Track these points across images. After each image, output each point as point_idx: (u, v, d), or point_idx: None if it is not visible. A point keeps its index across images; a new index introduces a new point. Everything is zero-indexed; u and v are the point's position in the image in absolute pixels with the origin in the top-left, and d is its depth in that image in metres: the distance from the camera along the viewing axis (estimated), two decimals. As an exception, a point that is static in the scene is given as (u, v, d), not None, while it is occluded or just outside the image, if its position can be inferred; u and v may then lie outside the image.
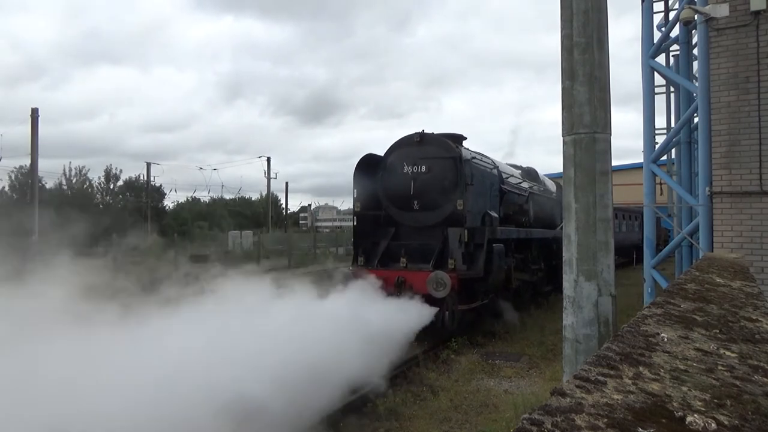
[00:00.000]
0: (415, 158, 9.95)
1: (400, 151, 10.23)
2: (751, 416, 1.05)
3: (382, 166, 10.35)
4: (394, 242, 10.15)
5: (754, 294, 2.88)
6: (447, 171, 9.68)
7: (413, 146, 10.06)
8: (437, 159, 9.79)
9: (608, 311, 4.34)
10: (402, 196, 10.03)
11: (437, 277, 8.68)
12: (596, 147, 4.42)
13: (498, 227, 10.15)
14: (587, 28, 4.44)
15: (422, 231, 9.95)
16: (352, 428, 5.76)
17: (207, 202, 63.00)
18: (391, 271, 9.43)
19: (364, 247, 10.34)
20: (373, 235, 10.38)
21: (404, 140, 10.29)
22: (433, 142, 9.99)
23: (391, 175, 10.23)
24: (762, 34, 6.95)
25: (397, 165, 10.15)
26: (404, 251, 9.71)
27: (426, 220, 9.89)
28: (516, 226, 11.85)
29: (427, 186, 9.83)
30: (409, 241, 10.00)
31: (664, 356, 1.48)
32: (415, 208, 9.92)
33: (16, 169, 44.96)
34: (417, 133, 10.16)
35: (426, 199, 9.83)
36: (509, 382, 7.27)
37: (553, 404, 1.03)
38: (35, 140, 27.19)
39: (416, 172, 9.92)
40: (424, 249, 9.73)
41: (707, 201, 7.54)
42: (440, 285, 8.62)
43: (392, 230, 10.29)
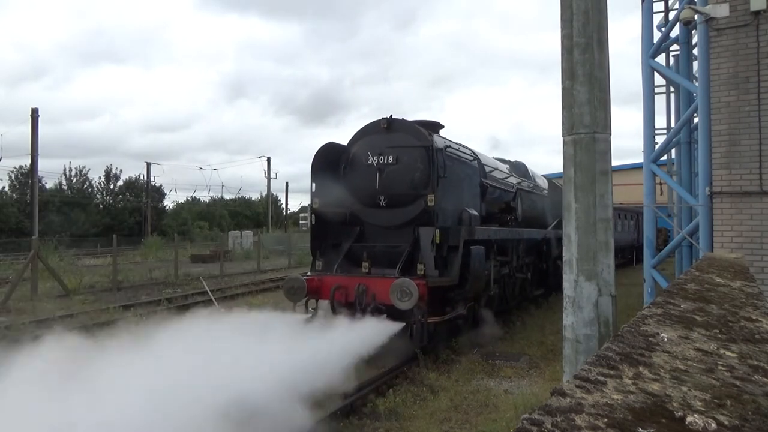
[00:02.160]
0: (382, 147, 8.64)
1: (365, 140, 8.91)
2: (751, 416, 1.05)
3: (345, 157, 9.07)
4: (357, 244, 8.89)
5: (754, 294, 2.88)
6: (417, 162, 8.42)
7: (380, 134, 8.75)
8: (406, 148, 8.50)
9: (608, 311, 4.35)
10: (366, 192, 8.74)
11: (402, 285, 7.37)
12: (596, 147, 4.43)
13: (478, 227, 8.97)
14: (587, 28, 4.44)
15: (391, 231, 8.75)
16: (352, 428, 5.76)
17: (207, 202, 63.15)
18: (352, 278, 8.19)
19: (323, 249, 9.08)
20: (335, 235, 9.12)
21: (370, 127, 9.00)
22: (403, 129, 8.68)
23: (354, 167, 8.94)
24: (762, 34, 6.96)
25: (361, 155, 8.84)
26: (366, 254, 8.42)
27: (394, 219, 8.68)
28: (501, 226, 10.76)
29: (395, 179, 8.55)
30: (375, 243, 8.79)
31: (664, 356, 1.48)
32: (381, 205, 8.64)
33: (16, 169, 45.01)
34: (384, 119, 8.76)
35: (394, 194, 8.55)
36: (509, 382, 7.27)
37: (553, 404, 1.03)
38: (35, 140, 27.20)
39: (382, 163, 8.61)
40: (391, 252, 8.45)
41: (707, 201, 7.54)
42: (405, 294, 7.32)
43: (357, 230, 9.06)
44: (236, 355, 5.46)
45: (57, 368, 5.00)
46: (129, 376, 4.84)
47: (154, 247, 32.01)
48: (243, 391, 4.86)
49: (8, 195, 45.31)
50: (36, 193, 22.57)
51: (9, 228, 41.09)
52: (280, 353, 5.85)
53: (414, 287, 7.32)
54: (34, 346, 5.88)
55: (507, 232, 10.66)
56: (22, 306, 13.57)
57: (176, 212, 57.76)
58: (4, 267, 23.81)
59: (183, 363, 5.17)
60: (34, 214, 22.32)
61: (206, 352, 5.47)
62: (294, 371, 5.42)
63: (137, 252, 33.10)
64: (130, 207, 52.65)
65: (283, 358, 5.69)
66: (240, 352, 5.58)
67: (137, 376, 4.82)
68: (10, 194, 45.47)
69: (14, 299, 14.05)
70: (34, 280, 15.21)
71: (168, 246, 30.78)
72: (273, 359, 5.60)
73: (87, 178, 52.28)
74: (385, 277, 7.92)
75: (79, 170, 51.73)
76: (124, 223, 50.13)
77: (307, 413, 5.34)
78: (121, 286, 17.44)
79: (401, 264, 8.15)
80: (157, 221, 50.43)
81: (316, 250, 9.07)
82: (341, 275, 8.44)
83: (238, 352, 5.55)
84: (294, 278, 8.42)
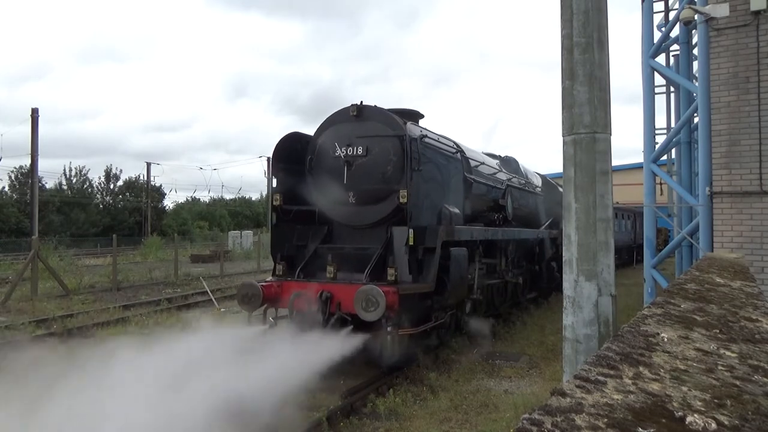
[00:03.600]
0: (351, 138, 7.79)
1: (332, 129, 8.06)
2: (751, 416, 1.05)
3: (312, 148, 8.21)
4: (324, 246, 8.07)
5: (754, 294, 2.88)
6: (390, 153, 7.56)
7: (349, 122, 7.89)
8: (377, 138, 7.63)
9: (608, 311, 4.35)
10: (334, 187, 7.89)
11: (367, 293, 6.51)
12: (596, 147, 4.43)
13: (459, 226, 8.20)
14: (587, 28, 4.44)
15: (362, 232, 7.94)
16: (352, 428, 5.76)
17: (207, 202, 63.17)
18: (315, 284, 7.30)
19: (287, 251, 8.16)
20: (301, 236, 8.28)
21: (338, 115, 8.11)
22: (374, 117, 7.78)
23: (321, 159, 8.09)
24: (762, 34, 6.96)
25: (328, 147, 7.99)
26: (332, 257, 7.52)
27: (364, 218, 7.84)
28: (488, 225, 9.97)
29: (365, 173, 7.69)
30: (344, 245, 8.01)
31: (664, 356, 1.48)
32: (350, 202, 7.80)
33: (16, 169, 45.02)
34: (353, 105, 7.89)
35: (363, 190, 7.71)
36: (509, 382, 7.27)
37: (553, 404, 1.03)
38: (35, 140, 27.19)
39: (351, 155, 7.75)
40: (361, 255, 7.58)
41: (707, 201, 7.54)
42: (371, 304, 6.46)
43: (325, 231, 8.27)
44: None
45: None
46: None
47: (154, 247, 32.03)
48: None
49: (8, 195, 45.32)
50: (36, 193, 22.59)
51: (9, 228, 41.10)
52: (200, 385, 5.06)
53: (381, 295, 6.42)
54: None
55: (494, 232, 9.89)
56: (22, 306, 13.58)
57: (176, 212, 57.79)
58: (4, 267, 23.83)
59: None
60: (34, 214, 22.34)
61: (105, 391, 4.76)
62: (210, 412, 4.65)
63: (137, 252, 33.12)
64: (130, 207, 52.68)
65: (198, 392, 4.89)
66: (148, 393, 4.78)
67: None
68: (10, 194, 45.49)
69: (14, 299, 14.06)
70: (34, 280, 15.21)
71: (168, 246, 30.81)
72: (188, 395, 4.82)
73: (87, 178, 52.37)
74: (352, 284, 7.05)
75: (79, 170, 51.81)
76: (124, 223, 50.17)
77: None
78: (121, 286, 17.43)
79: (370, 268, 7.24)
80: (157, 221, 50.43)
81: (277, 253, 8.12)
82: (303, 281, 7.55)
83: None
84: (248, 284, 7.50)
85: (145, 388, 4.93)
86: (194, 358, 5.85)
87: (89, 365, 5.71)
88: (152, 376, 5.20)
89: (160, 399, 4.76)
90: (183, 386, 5.01)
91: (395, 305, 6.63)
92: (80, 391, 4.87)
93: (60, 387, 4.92)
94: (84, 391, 4.87)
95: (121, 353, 6.08)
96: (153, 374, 5.24)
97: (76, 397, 4.72)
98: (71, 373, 5.40)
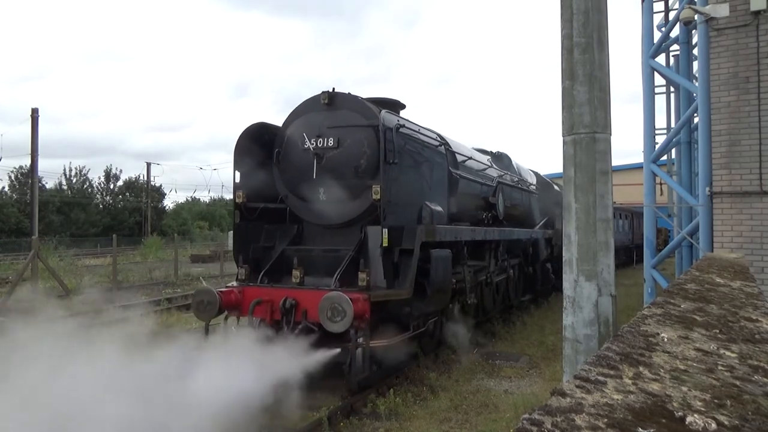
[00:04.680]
0: (321, 128, 7.15)
1: (302, 119, 7.40)
2: (751, 416, 1.05)
3: (280, 140, 7.53)
4: (292, 247, 7.38)
5: (754, 294, 2.88)
6: (364, 145, 6.94)
7: (320, 111, 7.25)
8: (350, 128, 7.02)
9: (608, 311, 4.35)
10: (303, 183, 7.25)
11: (332, 301, 5.83)
12: (596, 147, 4.43)
13: (441, 225, 7.53)
14: (587, 28, 4.45)
15: (334, 231, 7.30)
16: (352, 428, 5.76)
17: (207, 202, 63.21)
18: (279, 290, 6.67)
19: (252, 253, 7.44)
20: (269, 237, 7.60)
21: (308, 103, 7.44)
22: (347, 105, 7.16)
23: (289, 152, 7.41)
24: (762, 34, 6.96)
25: (296, 138, 7.32)
26: (298, 260, 6.87)
27: (337, 216, 7.18)
28: (477, 225, 9.44)
29: (337, 167, 7.04)
30: (314, 246, 7.33)
31: (664, 356, 1.48)
32: (321, 199, 7.16)
33: (16, 169, 45.06)
34: (325, 92, 7.24)
35: (335, 185, 7.06)
36: (509, 382, 7.27)
37: (553, 404, 1.03)
38: (35, 140, 27.19)
39: (321, 147, 7.10)
40: (332, 257, 6.90)
41: (707, 201, 7.54)
42: (336, 313, 5.80)
43: (294, 230, 7.60)
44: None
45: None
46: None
47: (154, 247, 32.02)
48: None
49: (8, 195, 45.35)
50: (36, 193, 22.60)
51: (9, 228, 41.13)
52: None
53: (348, 303, 5.76)
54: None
55: (483, 232, 9.27)
56: (22, 306, 13.58)
57: (176, 212, 57.83)
58: (4, 267, 23.83)
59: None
60: (34, 214, 22.35)
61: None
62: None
63: (137, 252, 33.12)
64: (130, 207, 52.72)
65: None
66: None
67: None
68: (10, 194, 45.52)
69: (14, 299, 14.05)
70: (34, 281, 15.21)
71: (168, 246, 30.80)
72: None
73: (87, 178, 52.45)
74: (319, 290, 6.41)
75: (79, 170, 51.88)
76: (124, 223, 50.21)
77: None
78: (121, 286, 17.44)
79: (340, 272, 6.55)
80: (157, 221, 50.46)
81: (239, 255, 7.36)
82: (266, 286, 6.90)
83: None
84: (204, 290, 6.81)
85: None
86: (123, 372, 5.13)
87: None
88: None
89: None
90: (94, 406, 4.44)
91: (366, 314, 5.99)
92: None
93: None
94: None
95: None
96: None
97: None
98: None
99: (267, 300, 6.57)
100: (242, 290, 6.85)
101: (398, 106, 8.12)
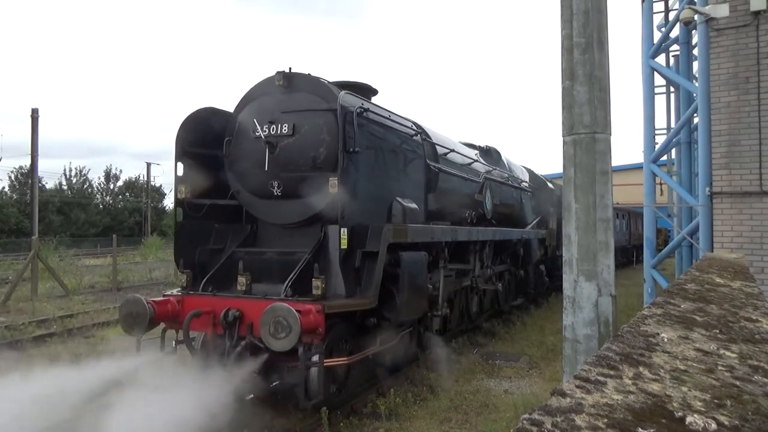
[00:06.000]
0: (274, 113, 6.27)
1: (255, 103, 6.52)
2: (751, 416, 1.05)
3: (231, 127, 6.67)
4: (242, 250, 6.49)
5: (754, 294, 2.88)
6: (323, 132, 6.05)
7: (275, 95, 6.39)
8: (307, 113, 6.14)
9: (608, 311, 4.35)
10: (254, 175, 6.39)
11: (275, 313, 4.94)
12: (596, 147, 4.44)
13: (414, 224, 6.65)
14: (587, 28, 4.45)
15: (293, 232, 6.44)
16: (352, 428, 5.76)
17: (207, 202, 63.10)
18: (221, 300, 5.77)
19: (198, 257, 6.53)
20: (219, 238, 6.70)
21: (263, 85, 6.57)
22: (305, 87, 6.30)
23: (240, 141, 6.56)
24: (762, 34, 6.96)
25: (248, 125, 6.44)
26: (244, 265, 5.99)
27: (293, 214, 6.31)
28: (460, 224, 8.65)
29: (292, 157, 6.16)
30: (269, 248, 6.44)
31: (664, 356, 1.48)
32: (275, 194, 6.28)
33: (16, 169, 45.10)
34: (280, 73, 6.35)
35: (290, 178, 6.17)
36: (509, 382, 7.27)
37: (553, 404, 1.03)
38: (35, 140, 27.19)
39: (274, 134, 6.20)
40: (287, 261, 6.02)
41: (707, 201, 7.54)
42: (280, 328, 4.90)
43: (248, 231, 6.76)
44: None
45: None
46: None
47: (154, 248, 32.04)
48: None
49: (8, 195, 45.39)
50: (36, 193, 22.60)
51: (9, 228, 41.15)
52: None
53: (294, 317, 4.86)
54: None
55: (466, 232, 8.41)
56: (22, 306, 13.58)
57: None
58: (4, 267, 23.84)
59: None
60: (34, 214, 22.34)
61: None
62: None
63: (137, 252, 33.15)
64: (130, 207, 52.75)
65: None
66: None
67: None
68: (10, 194, 45.55)
69: (14, 299, 14.06)
70: (34, 281, 15.22)
71: (168, 246, 30.79)
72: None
73: (87, 178, 52.51)
74: (267, 299, 5.51)
75: (79, 170, 51.93)
76: (124, 224, 50.25)
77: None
78: (120, 286, 17.44)
79: (292, 279, 5.67)
80: (157, 221, 50.46)
81: (180, 258, 6.43)
82: (209, 295, 5.98)
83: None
84: (132, 300, 5.82)
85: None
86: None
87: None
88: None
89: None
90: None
91: (319, 328, 5.11)
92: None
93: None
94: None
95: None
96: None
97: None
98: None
99: (208, 311, 5.67)
100: (181, 299, 5.98)
101: (369, 91, 7.30)
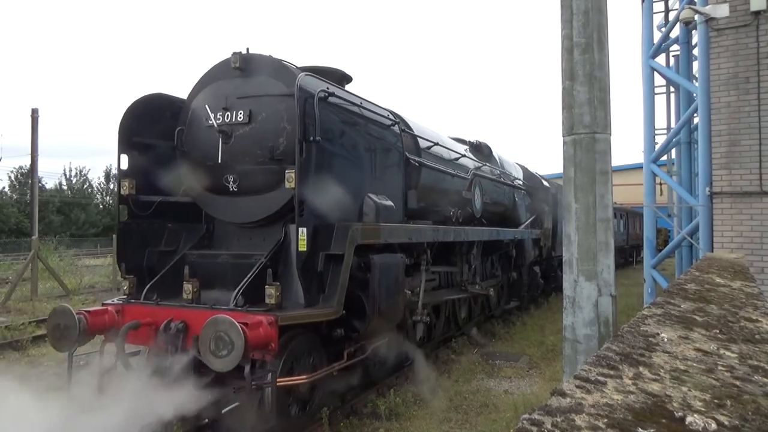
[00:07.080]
0: (229, 99, 5.64)
1: (210, 89, 5.86)
2: (751, 416, 1.05)
3: (184, 116, 5.97)
4: (193, 252, 5.82)
5: (754, 294, 2.88)
6: (282, 119, 5.38)
7: (231, 79, 5.73)
8: (265, 99, 5.50)
9: (608, 311, 4.35)
10: (208, 169, 5.71)
11: (216, 327, 4.30)
12: (596, 147, 4.44)
13: (387, 224, 5.99)
14: (587, 29, 4.45)
15: (252, 232, 5.85)
16: (352, 428, 5.76)
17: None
18: (166, 309, 5.14)
19: (146, 261, 5.82)
20: (171, 239, 6.03)
21: (218, 69, 5.90)
22: (264, 71, 5.63)
23: (193, 130, 5.87)
24: (762, 34, 6.96)
25: (201, 113, 5.79)
26: (190, 270, 5.33)
27: (251, 212, 5.66)
28: (445, 223, 8.04)
29: (249, 148, 5.50)
30: (223, 251, 5.83)
31: (664, 356, 1.48)
32: (231, 190, 5.63)
33: (16, 169, 45.11)
34: (236, 54, 5.69)
35: (246, 172, 5.54)
36: (509, 383, 7.27)
37: (553, 404, 1.03)
38: (35, 140, 27.19)
39: (228, 122, 5.57)
40: (242, 265, 5.36)
41: (707, 201, 7.54)
42: (222, 344, 4.25)
43: (203, 231, 6.10)
44: None
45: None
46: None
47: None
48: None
49: (8, 195, 45.39)
50: (36, 193, 22.57)
51: (9, 228, 41.15)
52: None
53: (237, 331, 4.21)
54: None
55: (451, 232, 7.72)
56: (22, 306, 13.58)
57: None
58: (4, 267, 23.83)
59: None
60: (34, 214, 22.29)
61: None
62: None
63: (137, 252, 33.07)
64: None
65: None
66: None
67: None
68: (10, 194, 45.56)
69: (14, 299, 14.06)
70: (34, 281, 15.22)
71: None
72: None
73: (87, 178, 52.52)
74: (214, 309, 4.92)
75: (79, 170, 51.94)
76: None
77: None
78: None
79: (243, 286, 5.00)
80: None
81: (122, 262, 5.76)
82: (151, 303, 5.31)
83: None
84: (60, 311, 5.15)
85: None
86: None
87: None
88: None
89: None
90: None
91: (272, 343, 4.48)
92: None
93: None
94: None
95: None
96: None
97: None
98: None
99: (149, 322, 5.04)
100: (121, 309, 5.37)
101: (343, 77, 6.67)
